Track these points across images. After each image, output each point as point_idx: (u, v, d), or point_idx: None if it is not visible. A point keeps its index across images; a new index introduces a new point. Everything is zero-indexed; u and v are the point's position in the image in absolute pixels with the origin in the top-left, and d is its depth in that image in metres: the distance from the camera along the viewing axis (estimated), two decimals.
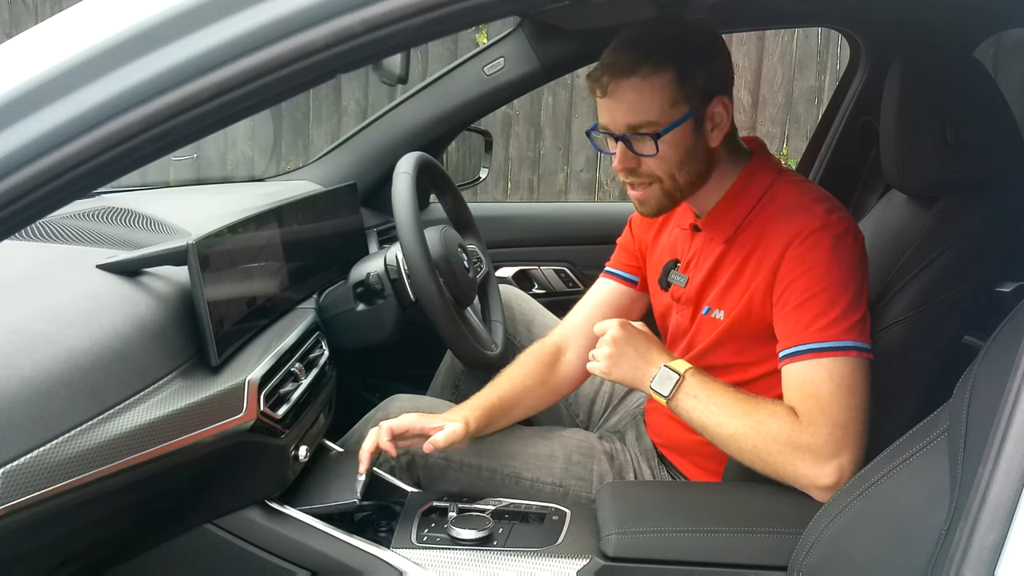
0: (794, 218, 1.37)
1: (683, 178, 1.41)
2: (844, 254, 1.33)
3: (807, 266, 1.33)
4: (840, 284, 1.32)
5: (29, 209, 0.74)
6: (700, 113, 1.39)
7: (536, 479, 1.57)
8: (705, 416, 1.36)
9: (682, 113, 1.37)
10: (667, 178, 1.40)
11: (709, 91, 1.39)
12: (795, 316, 1.34)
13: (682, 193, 1.43)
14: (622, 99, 1.37)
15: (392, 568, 1.33)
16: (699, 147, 1.40)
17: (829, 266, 1.32)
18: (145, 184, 2.07)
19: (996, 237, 1.36)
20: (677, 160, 1.39)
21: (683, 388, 1.37)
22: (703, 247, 1.51)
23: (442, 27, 0.77)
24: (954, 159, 1.36)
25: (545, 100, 4.71)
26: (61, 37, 0.74)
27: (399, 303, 1.68)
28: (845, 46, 2.47)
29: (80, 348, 1.06)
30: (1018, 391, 0.78)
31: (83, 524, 1.10)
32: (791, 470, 1.30)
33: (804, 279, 1.33)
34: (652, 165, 1.39)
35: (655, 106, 1.36)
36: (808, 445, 1.29)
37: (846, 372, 1.29)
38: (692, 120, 1.38)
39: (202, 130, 0.76)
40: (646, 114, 1.36)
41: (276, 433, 1.36)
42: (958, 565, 0.77)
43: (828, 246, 1.33)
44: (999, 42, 2.71)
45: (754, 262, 1.40)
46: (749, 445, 1.32)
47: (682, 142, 1.38)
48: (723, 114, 1.40)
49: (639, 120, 1.36)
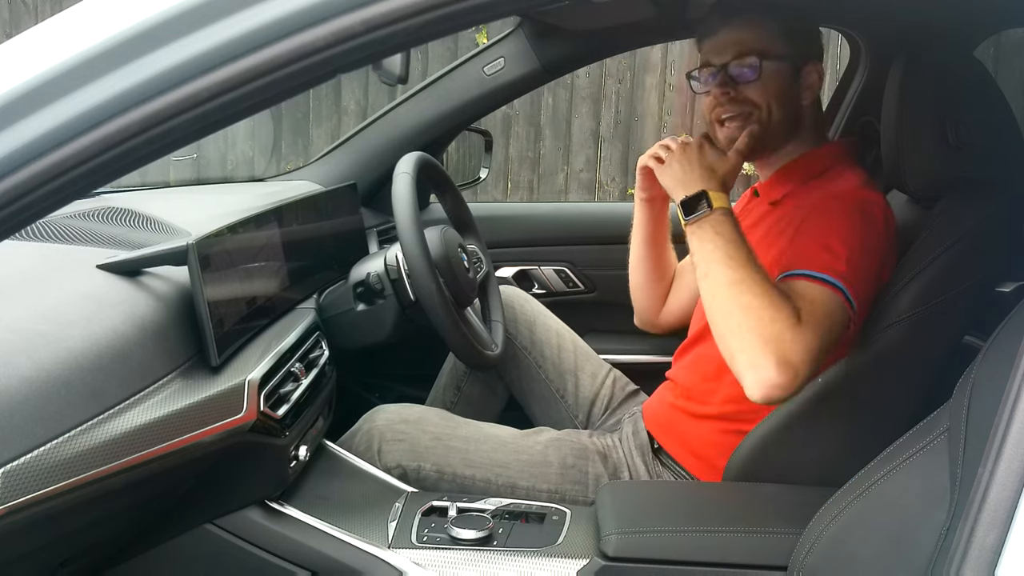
0: (831, 186, 1.45)
1: (778, 115, 1.49)
2: (857, 218, 1.37)
3: (821, 218, 1.39)
4: (843, 237, 1.35)
5: (29, 209, 0.74)
6: (798, 66, 1.49)
7: (532, 487, 1.57)
8: (713, 258, 1.30)
9: (783, 53, 1.47)
10: (765, 107, 1.48)
11: (807, 53, 1.51)
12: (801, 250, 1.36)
13: (774, 133, 1.50)
14: (732, 33, 1.48)
15: (392, 568, 1.33)
16: (793, 96, 1.50)
17: (840, 220, 1.37)
18: (145, 184, 2.06)
19: (996, 237, 1.36)
20: (775, 92, 1.48)
21: (708, 221, 1.33)
22: (753, 207, 1.60)
23: (442, 27, 0.77)
24: (954, 159, 1.36)
25: (545, 100, 4.71)
26: (61, 37, 0.74)
27: (399, 303, 1.68)
28: (845, 46, 2.47)
29: (80, 348, 1.06)
30: (1018, 391, 0.78)
31: (83, 524, 1.10)
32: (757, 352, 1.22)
33: (817, 228, 1.38)
34: (750, 92, 1.47)
35: (762, 39, 1.47)
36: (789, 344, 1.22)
37: (837, 308, 1.31)
38: (790, 66, 1.48)
39: (202, 130, 0.76)
40: (754, 42, 1.46)
41: (276, 433, 1.36)
42: (958, 565, 0.77)
43: (845, 207, 1.39)
44: (999, 42, 2.70)
45: (790, 225, 1.45)
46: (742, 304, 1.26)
47: (780, 78, 1.48)
48: (816, 79, 1.51)
49: (747, 48, 1.46)
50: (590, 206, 3.68)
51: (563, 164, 4.80)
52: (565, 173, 4.82)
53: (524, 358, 1.90)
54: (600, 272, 2.35)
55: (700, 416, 1.57)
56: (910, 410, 1.27)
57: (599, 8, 1.81)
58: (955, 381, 1.02)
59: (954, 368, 1.06)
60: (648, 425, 1.66)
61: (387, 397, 2.05)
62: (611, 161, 4.76)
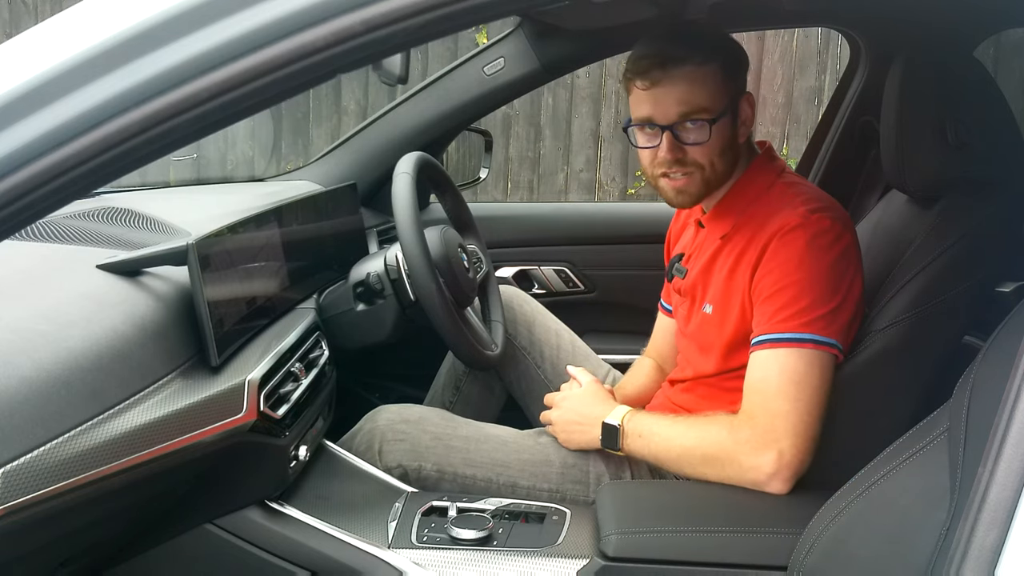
0: (778, 216, 1.40)
1: (721, 167, 1.45)
2: (818, 252, 1.35)
3: (779, 261, 1.37)
4: (809, 280, 1.34)
5: (29, 209, 0.74)
6: (735, 106, 1.44)
7: (533, 486, 1.57)
8: (653, 447, 1.43)
9: (725, 103, 1.41)
10: (709, 166, 1.44)
11: (741, 86, 1.46)
12: (762, 308, 1.38)
13: (717, 182, 1.47)
14: (674, 87, 1.39)
15: (392, 568, 1.33)
16: (734, 140, 1.46)
17: (800, 262, 1.35)
18: (145, 184, 2.06)
19: (996, 237, 1.36)
20: (719, 148, 1.43)
21: (627, 435, 1.46)
22: (703, 242, 1.56)
23: (442, 27, 0.77)
24: (954, 159, 1.36)
25: (545, 100, 4.71)
26: (61, 37, 0.74)
27: (399, 303, 1.68)
28: (845, 46, 2.47)
29: (80, 348, 1.05)
30: (1018, 391, 0.78)
31: (83, 524, 1.10)
32: (737, 466, 1.35)
33: (775, 274, 1.37)
34: (697, 154, 1.42)
35: (707, 94, 1.39)
36: (747, 437, 1.34)
37: (799, 365, 1.33)
38: (731, 116, 1.43)
39: (202, 130, 0.76)
40: (700, 101, 1.39)
41: (276, 433, 1.36)
42: (958, 565, 0.77)
43: (802, 243, 1.36)
44: (999, 42, 2.71)
45: (744, 260, 1.43)
46: (698, 456, 1.39)
47: (725, 132, 1.43)
48: (749, 111, 1.47)
49: (693, 107, 1.39)
50: (590, 206, 3.68)
51: (563, 164, 4.80)
52: (565, 173, 4.82)
53: (523, 358, 1.90)
54: (600, 272, 2.35)
55: None
56: (910, 410, 1.28)
57: (599, 8, 1.81)
58: (955, 381, 1.02)
59: (954, 368, 1.06)
60: None
61: (387, 397, 2.05)
62: (611, 161, 4.76)
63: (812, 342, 1.33)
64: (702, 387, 1.56)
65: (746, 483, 1.36)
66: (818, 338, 1.33)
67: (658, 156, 1.43)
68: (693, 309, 1.56)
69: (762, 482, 1.35)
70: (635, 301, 2.26)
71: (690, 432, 1.41)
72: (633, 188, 4.79)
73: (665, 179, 1.46)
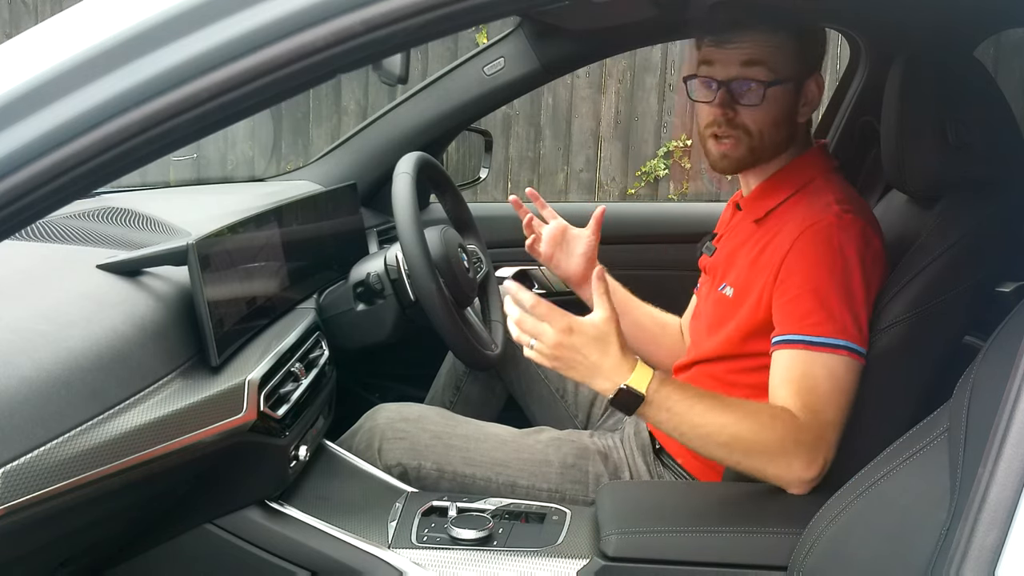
0: (811, 212, 1.39)
1: (770, 138, 1.43)
2: (845, 256, 1.34)
3: (807, 262, 1.35)
4: (836, 284, 1.33)
5: (29, 209, 0.74)
6: (801, 83, 1.42)
7: (532, 486, 1.57)
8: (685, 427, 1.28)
9: (790, 74, 1.40)
10: (758, 134, 1.42)
11: (812, 65, 1.44)
12: (791, 306, 1.35)
13: (763, 155, 1.45)
14: (742, 47, 1.39)
15: (392, 568, 1.33)
16: (791, 115, 1.44)
17: (828, 264, 1.33)
18: (145, 184, 2.06)
19: (996, 237, 1.36)
20: (772, 118, 1.41)
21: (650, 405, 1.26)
22: (737, 224, 1.56)
23: (442, 27, 0.77)
24: (954, 159, 1.36)
25: (545, 100, 4.71)
26: (61, 37, 0.74)
27: (399, 303, 1.68)
28: (845, 46, 2.47)
29: (80, 348, 1.06)
30: (1018, 391, 0.78)
31: (83, 524, 1.10)
32: (785, 467, 1.29)
33: (803, 274, 1.35)
34: (748, 117, 1.41)
35: (772, 56, 1.38)
36: (804, 441, 1.28)
37: (842, 372, 1.30)
38: (794, 85, 1.41)
39: (202, 130, 0.76)
40: (762, 61, 1.38)
41: (276, 433, 1.36)
42: (958, 565, 0.77)
43: (831, 245, 1.34)
44: (999, 42, 2.70)
45: (771, 248, 1.42)
46: (746, 448, 1.29)
47: (782, 102, 1.41)
48: (816, 92, 1.45)
49: (754, 65, 1.38)
50: (590, 206, 3.67)
51: (563, 164, 4.80)
52: (565, 173, 4.82)
53: (523, 358, 1.89)
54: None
55: None
56: (910, 410, 1.27)
57: (599, 8, 1.81)
58: (955, 381, 1.02)
59: (954, 368, 1.06)
60: (649, 426, 1.66)
61: (387, 397, 2.05)
62: (611, 161, 4.76)
63: (847, 349, 1.31)
64: (704, 376, 1.53)
65: (783, 482, 1.30)
66: (851, 346, 1.31)
67: (710, 111, 1.42)
68: (712, 287, 1.55)
69: (797, 484, 1.29)
70: None
71: (745, 424, 1.27)
72: (633, 188, 4.79)
73: (713, 140, 1.45)
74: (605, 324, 1.26)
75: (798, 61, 1.41)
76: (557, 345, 1.26)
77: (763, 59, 1.38)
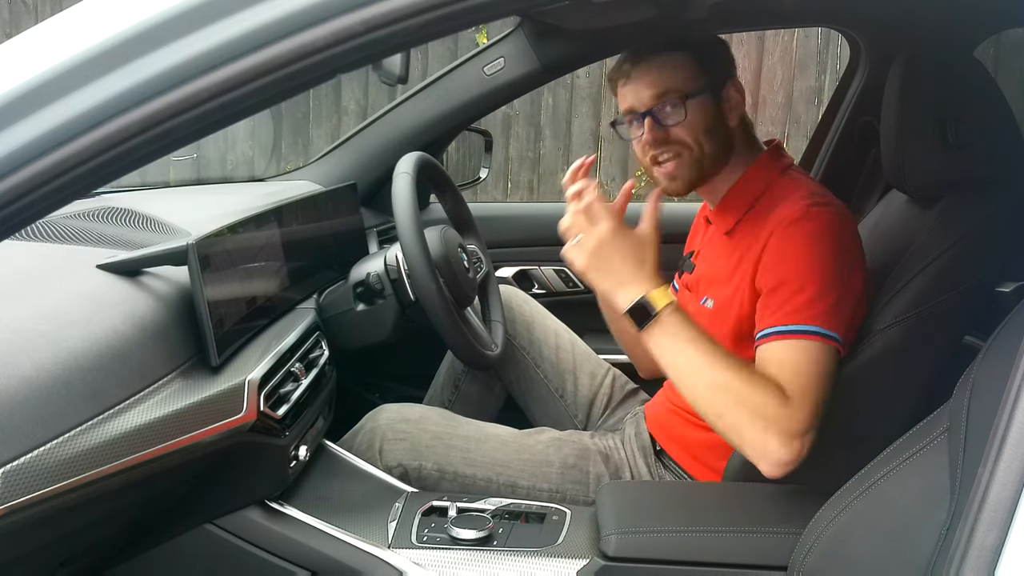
0: (779, 210, 1.41)
1: (709, 147, 1.47)
2: (815, 245, 1.35)
3: (781, 255, 1.37)
4: (808, 272, 1.34)
5: (29, 209, 0.74)
6: (718, 91, 1.48)
7: (532, 487, 1.57)
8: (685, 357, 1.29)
9: (701, 85, 1.45)
10: (695, 145, 1.46)
11: (723, 73, 1.50)
12: (767, 302, 1.37)
13: (708, 164, 1.49)
14: (646, 76, 1.46)
15: (392, 568, 1.33)
16: (720, 122, 1.48)
17: (799, 254, 1.35)
18: (145, 184, 2.06)
19: (996, 237, 1.36)
20: (702, 127, 1.46)
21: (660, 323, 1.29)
22: (711, 239, 1.58)
23: (442, 27, 0.77)
24: (954, 159, 1.36)
25: (545, 100, 4.71)
26: (61, 37, 0.74)
27: (399, 303, 1.68)
28: (845, 46, 2.47)
29: (80, 348, 1.06)
30: (1018, 391, 0.78)
31: (83, 524, 1.10)
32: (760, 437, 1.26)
33: (776, 268, 1.37)
34: (680, 132, 1.46)
35: (678, 76, 1.45)
36: (791, 417, 1.27)
37: (817, 357, 1.31)
38: (711, 95, 1.47)
39: (202, 130, 0.76)
40: (672, 83, 1.45)
41: (276, 433, 1.36)
42: (958, 565, 0.77)
43: (801, 236, 1.36)
44: (999, 42, 2.71)
45: (747, 254, 1.43)
46: (735, 399, 1.28)
47: (705, 110, 1.46)
48: (737, 96, 1.50)
49: (665, 89, 1.45)
50: None
51: (563, 164, 4.80)
52: (565, 173, 4.82)
53: (522, 358, 1.90)
54: None
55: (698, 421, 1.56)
56: (910, 410, 1.27)
57: (599, 8, 1.80)
58: (955, 381, 1.02)
59: (954, 368, 1.06)
60: (650, 427, 1.66)
61: (387, 397, 2.05)
62: (611, 161, 4.76)
63: (819, 335, 1.31)
64: None
65: (752, 453, 1.28)
66: (824, 331, 1.32)
67: (644, 140, 1.47)
68: (695, 302, 1.56)
69: (771, 464, 1.27)
70: None
71: (742, 373, 1.28)
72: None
73: (656, 167, 1.49)
74: (648, 238, 1.35)
75: (705, 72, 1.47)
76: (600, 244, 1.33)
77: (671, 80, 1.45)
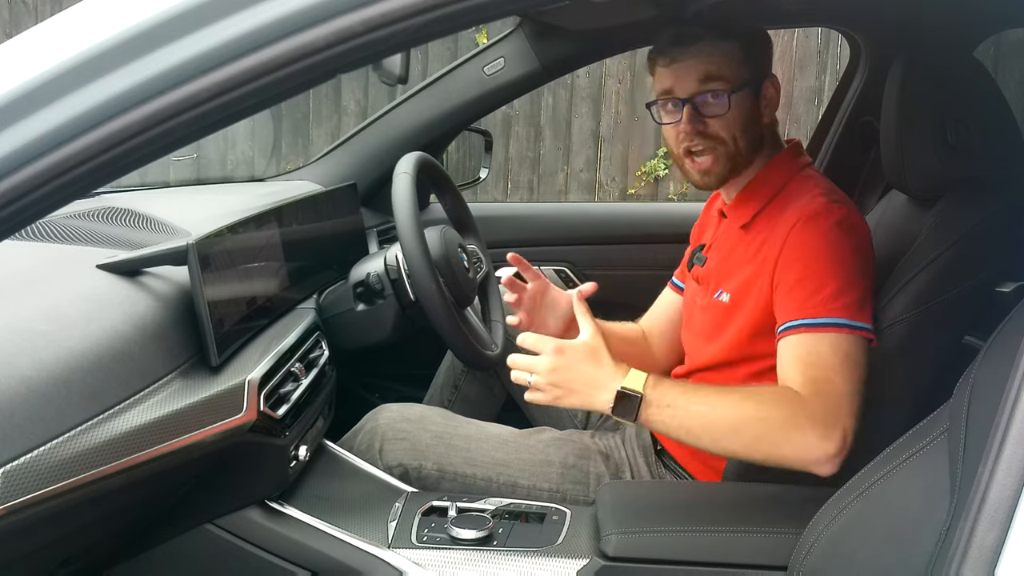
0: (797, 205, 1.41)
1: (743, 144, 1.46)
2: (837, 240, 1.36)
3: (802, 250, 1.37)
4: (832, 266, 1.34)
5: (29, 209, 0.74)
6: (759, 86, 1.47)
7: (533, 486, 1.57)
8: (689, 420, 1.28)
9: (747, 78, 1.44)
10: (731, 141, 1.45)
11: (765, 68, 1.49)
12: (791, 295, 1.36)
13: (741, 161, 1.48)
14: (692, 61, 1.43)
15: (392, 568, 1.33)
16: (756, 119, 1.47)
17: (823, 249, 1.35)
18: (145, 184, 2.07)
19: (996, 237, 1.36)
20: (741, 123, 1.44)
21: (650, 405, 1.27)
22: (724, 232, 1.57)
23: (442, 27, 0.77)
24: (954, 159, 1.36)
25: (545, 100, 4.71)
26: (61, 37, 0.74)
27: (399, 303, 1.68)
28: (845, 46, 2.47)
29: (80, 348, 1.06)
30: (1018, 391, 0.78)
31: (83, 524, 1.10)
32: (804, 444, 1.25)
33: (799, 262, 1.36)
34: (718, 126, 1.44)
35: (726, 66, 1.42)
36: (814, 415, 1.26)
37: (848, 347, 1.30)
38: (753, 89, 1.45)
39: (202, 130, 0.76)
40: (718, 72, 1.42)
41: (276, 433, 1.36)
42: (958, 565, 0.77)
43: (823, 231, 1.36)
44: (999, 42, 2.70)
45: (765, 248, 1.43)
46: (755, 431, 1.27)
47: (746, 106, 1.45)
48: (774, 94, 1.49)
49: (712, 79, 1.42)
50: (590, 206, 3.68)
51: (563, 164, 4.80)
52: (565, 173, 4.82)
53: None
54: (600, 272, 2.35)
55: None
56: (910, 410, 1.27)
57: (599, 8, 1.81)
58: (955, 381, 1.02)
59: (954, 368, 1.06)
60: None
61: (387, 397, 2.05)
62: (611, 161, 4.76)
63: (848, 327, 1.31)
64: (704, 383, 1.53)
65: (805, 462, 1.26)
66: (854, 323, 1.31)
67: (680, 129, 1.44)
68: (708, 296, 1.55)
69: (822, 462, 1.25)
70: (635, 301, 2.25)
71: (747, 403, 1.28)
72: (633, 188, 4.79)
73: (690, 159, 1.47)
74: (593, 339, 1.31)
75: (750, 66, 1.45)
76: (552, 369, 1.30)
77: (718, 70, 1.42)
